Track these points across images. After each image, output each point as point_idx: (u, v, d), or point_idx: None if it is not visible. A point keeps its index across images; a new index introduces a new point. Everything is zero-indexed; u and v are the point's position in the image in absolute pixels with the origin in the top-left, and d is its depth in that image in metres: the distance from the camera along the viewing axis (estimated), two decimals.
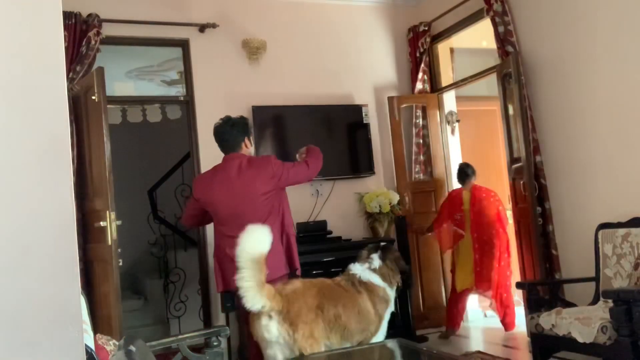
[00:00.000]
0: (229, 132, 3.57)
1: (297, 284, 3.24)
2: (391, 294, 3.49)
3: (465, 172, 5.39)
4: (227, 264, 3.42)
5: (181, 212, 6.49)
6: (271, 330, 3.02)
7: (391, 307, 3.51)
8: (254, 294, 2.93)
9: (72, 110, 4.35)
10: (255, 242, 2.93)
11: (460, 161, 5.88)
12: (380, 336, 3.43)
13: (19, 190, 1.60)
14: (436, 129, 5.93)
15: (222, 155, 3.64)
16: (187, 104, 5.32)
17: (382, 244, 3.71)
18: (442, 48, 6.02)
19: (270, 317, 3.02)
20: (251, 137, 3.74)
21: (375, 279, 3.42)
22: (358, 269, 3.44)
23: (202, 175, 3.78)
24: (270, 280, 3.22)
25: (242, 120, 3.66)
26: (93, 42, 4.65)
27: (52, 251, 1.61)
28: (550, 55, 4.57)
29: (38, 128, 1.63)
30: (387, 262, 3.52)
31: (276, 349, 3.08)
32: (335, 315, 3.18)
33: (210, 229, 4.42)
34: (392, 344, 3.28)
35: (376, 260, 3.50)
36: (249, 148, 3.67)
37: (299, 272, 3.62)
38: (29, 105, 1.63)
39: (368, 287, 3.39)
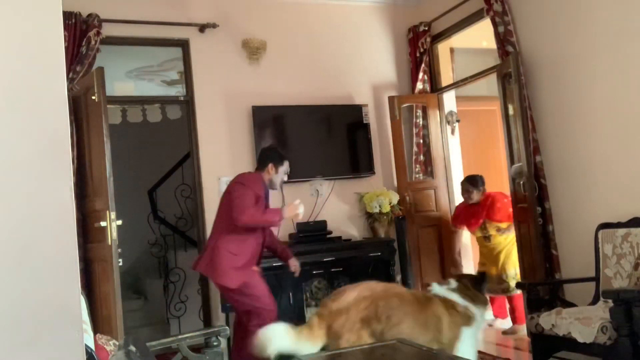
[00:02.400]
0: (261, 153, 4.29)
1: (350, 296, 3.27)
2: (476, 312, 3.40)
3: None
4: None
5: (181, 212, 6.57)
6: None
7: (474, 330, 3.38)
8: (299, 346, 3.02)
9: (72, 110, 4.35)
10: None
11: (461, 161, 5.88)
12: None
13: (19, 190, 1.60)
14: (436, 129, 5.92)
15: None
16: (187, 104, 5.32)
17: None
18: (442, 48, 6.01)
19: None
20: (279, 167, 4.08)
21: (454, 297, 3.43)
22: (437, 289, 3.50)
23: None
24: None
25: (274, 149, 4.33)
26: (93, 42, 4.65)
27: (52, 251, 1.61)
28: (550, 55, 4.56)
29: (38, 128, 1.63)
30: (462, 281, 3.53)
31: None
32: (393, 323, 3.21)
33: (209, 228, 4.43)
34: (392, 344, 3.27)
35: (453, 282, 3.54)
36: (270, 174, 4.07)
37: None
38: (29, 105, 1.63)
39: (446, 300, 3.40)
